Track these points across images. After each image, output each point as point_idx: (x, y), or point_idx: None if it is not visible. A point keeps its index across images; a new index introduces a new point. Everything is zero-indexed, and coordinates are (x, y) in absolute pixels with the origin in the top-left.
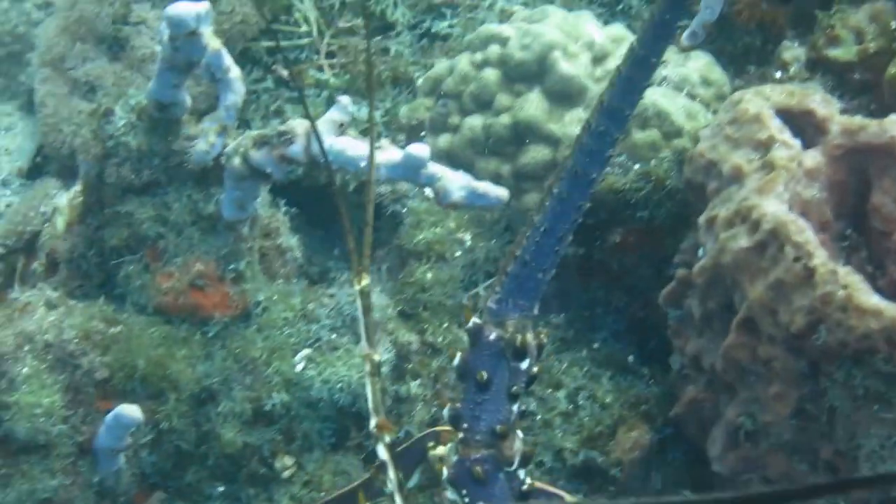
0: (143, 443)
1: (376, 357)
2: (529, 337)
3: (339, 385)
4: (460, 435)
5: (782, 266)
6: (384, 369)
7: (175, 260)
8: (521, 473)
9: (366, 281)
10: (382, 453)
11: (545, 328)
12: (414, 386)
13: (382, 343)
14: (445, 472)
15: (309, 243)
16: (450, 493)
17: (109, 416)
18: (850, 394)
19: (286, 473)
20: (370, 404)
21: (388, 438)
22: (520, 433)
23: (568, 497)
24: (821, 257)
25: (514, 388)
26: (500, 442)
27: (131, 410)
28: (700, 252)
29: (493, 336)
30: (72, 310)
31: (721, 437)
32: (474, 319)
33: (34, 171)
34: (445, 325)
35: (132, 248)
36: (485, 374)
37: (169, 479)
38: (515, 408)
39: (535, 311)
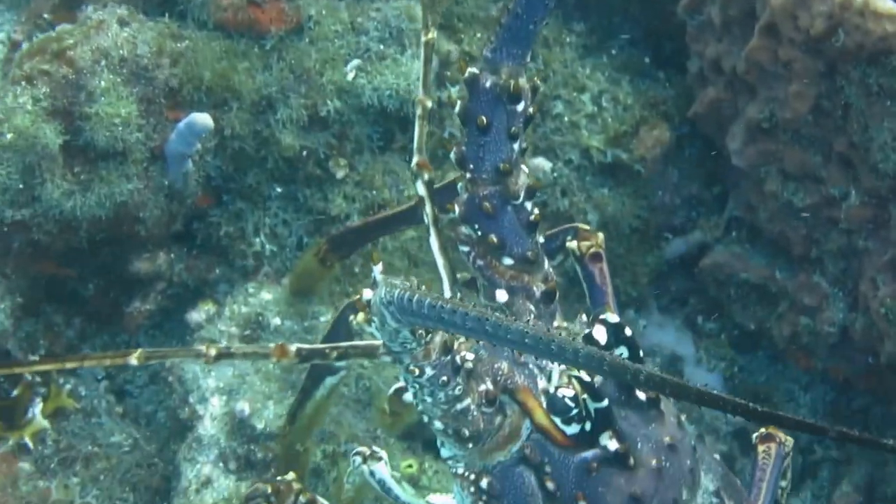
0: (208, 148)
1: (429, 103)
2: (522, 81)
3: (388, 92)
4: (468, 175)
5: None
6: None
7: None
8: (528, 205)
9: (432, 35)
10: (421, 189)
11: (572, 34)
12: (454, 91)
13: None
14: (458, 209)
15: None
16: (464, 228)
17: (182, 123)
18: (865, 91)
19: (340, 174)
20: (415, 144)
21: (426, 176)
22: (524, 167)
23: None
24: None
25: (513, 128)
26: (504, 178)
27: (203, 118)
28: None
29: (488, 83)
30: (143, 26)
31: (741, 133)
32: (471, 69)
33: None
34: (479, 34)
35: None
36: (484, 119)
37: (231, 181)
38: (516, 146)
39: (528, 59)
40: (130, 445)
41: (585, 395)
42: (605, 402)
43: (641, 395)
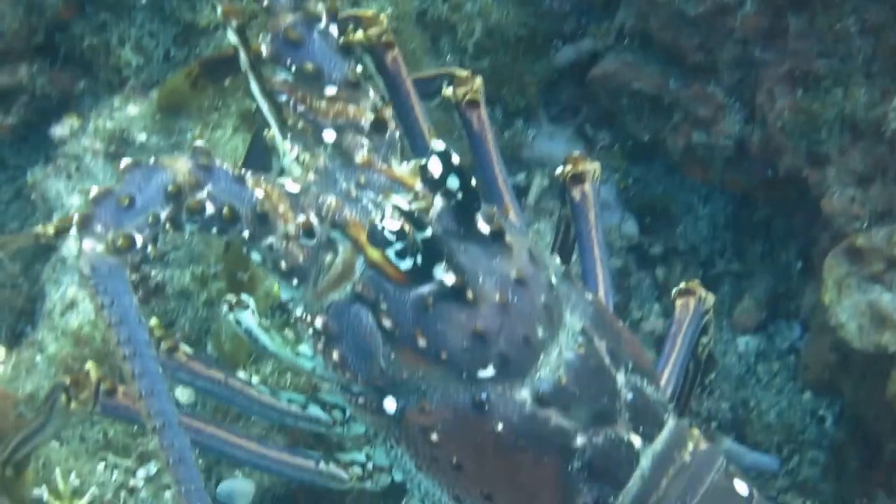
0: None
1: None
2: None
3: None
4: (265, 3)
5: None
6: None
7: None
8: (333, 29)
9: None
10: (232, 37)
11: None
12: None
13: None
14: (265, 49)
15: None
16: (278, 75)
17: None
18: None
19: None
20: None
21: (234, 23)
22: None
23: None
24: None
25: None
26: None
27: None
28: None
29: None
30: None
31: None
32: None
33: None
34: None
35: None
36: None
37: None
38: None
39: None
40: None
41: (411, 227)
42: (429, 232)
43: (484, 229)
